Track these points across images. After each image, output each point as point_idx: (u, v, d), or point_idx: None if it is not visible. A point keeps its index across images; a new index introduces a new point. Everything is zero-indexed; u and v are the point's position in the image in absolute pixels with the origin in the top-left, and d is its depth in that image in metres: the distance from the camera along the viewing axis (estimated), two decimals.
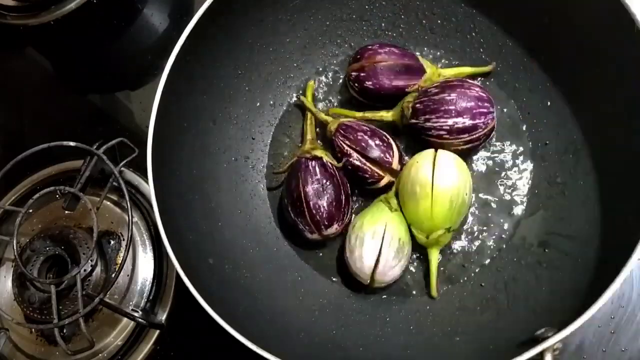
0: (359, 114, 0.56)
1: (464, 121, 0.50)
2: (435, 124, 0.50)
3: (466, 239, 0.53)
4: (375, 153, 0.51)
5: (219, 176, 0.55)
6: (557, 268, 0.47)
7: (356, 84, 0.55)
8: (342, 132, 0.53)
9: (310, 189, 0.51)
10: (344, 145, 0.52)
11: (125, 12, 0.71)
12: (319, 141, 0.57)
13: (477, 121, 0.50)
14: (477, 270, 0.52)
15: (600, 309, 0.39)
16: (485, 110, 0.50)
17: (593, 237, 0.45)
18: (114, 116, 0.68)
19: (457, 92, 0.50)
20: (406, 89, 0.54)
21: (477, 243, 0.53)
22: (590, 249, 0.45)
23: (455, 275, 0.52)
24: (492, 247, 0.53)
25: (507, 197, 0.54)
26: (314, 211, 0.51)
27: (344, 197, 0.52)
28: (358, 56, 0.55)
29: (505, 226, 0.53)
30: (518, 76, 0.55)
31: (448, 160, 0.49)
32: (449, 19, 0.56)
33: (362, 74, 0.54)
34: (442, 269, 0.53)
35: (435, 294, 0.51)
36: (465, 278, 0.52)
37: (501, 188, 0.54)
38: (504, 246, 0.52)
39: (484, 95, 0.50)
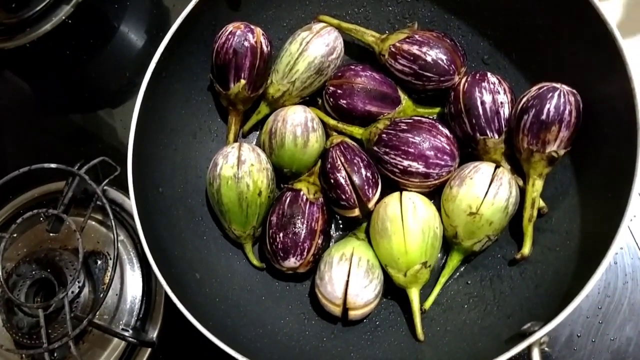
0: (333, 122, 0.56)
1: (418, 167, 0.49)
2: (391, 160, 0.50)
3: None
4: (361, 181, 0.50)
5: (202, 190, 0.55)
6: (540, 262, 0.47)
7: (331, 99, 0.55)
8: (342, 147, 0.52)
9: (274, 218, 0.51)
10: (338, 160, 0.51)
11: (101, 31, 0.71)
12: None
13: (431, 171, 0.50)
14: (462, 269, 0.52)
15: (588, 300, 0.39)
16: (442, 162, 0.50)
17: (573, 230, 0.46)
18: (96, 135, 0.68)
19: (422, 137, 0.50)
20: (378, 116, 0.55)
21: None
22: (571, 242, 0.45)
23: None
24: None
25: None
26: (271, 240, 0.51)
27: (305, 232, 0.50)
28: (339, 73, 0.55)
29: None
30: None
31: (413, 196, 0.50)
32: (432, 23, 0.57)
33: (338, 91, 0.55)
34: None
35: (422, 336, 0.49)
36: (451, 277, 0.52)
37: None
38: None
39: (447, 147, 0.50)
